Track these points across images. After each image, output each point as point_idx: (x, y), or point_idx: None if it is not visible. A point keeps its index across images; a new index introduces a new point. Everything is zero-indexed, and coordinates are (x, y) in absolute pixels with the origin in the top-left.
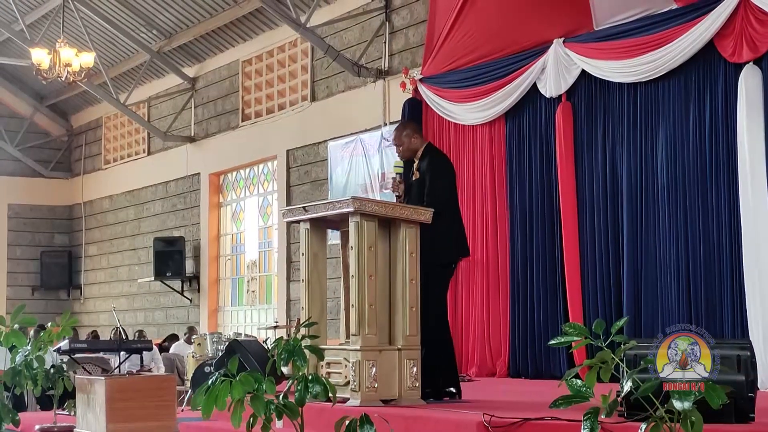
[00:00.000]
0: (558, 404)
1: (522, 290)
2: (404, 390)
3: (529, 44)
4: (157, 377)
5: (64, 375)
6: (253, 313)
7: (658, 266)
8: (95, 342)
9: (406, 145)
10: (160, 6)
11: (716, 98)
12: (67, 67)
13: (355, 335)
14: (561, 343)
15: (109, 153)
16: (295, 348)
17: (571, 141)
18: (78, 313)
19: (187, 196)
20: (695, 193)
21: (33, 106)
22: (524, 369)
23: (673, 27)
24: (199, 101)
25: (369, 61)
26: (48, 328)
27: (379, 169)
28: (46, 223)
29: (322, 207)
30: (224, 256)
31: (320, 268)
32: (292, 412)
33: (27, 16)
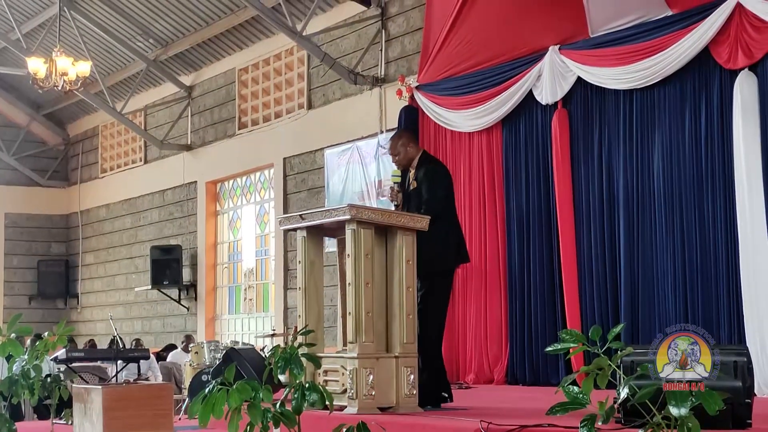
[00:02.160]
0: (555, 411)
1: (519, 297)
2: (401, 397)
3: (525, 51)
4: (154, 386)
5: (61, 384)
6: (251, 321)
7: (654, 273)
8: (92, 351)
9: (402, 155)
10: (157, 15)
11: (712, 105)
12: (64, 76)
13: (352, 343)
14: (558, 350)
15: (106, 162)
16: (292, 356)
17: (567, 148)
18: (75, 322)
19: (184, 205)
20: (691, 199)
21: (29, 115)
22: (521, 376)
23: (668, 34)
24: (195, 109)
25: (365, 68)
26: (44, 337)
27: (375, 176)
28: (43, 232)
29: (318, 215)
30: (221, 264)
31: (317, 276)
32: (290, 420)
33: (23, 25)
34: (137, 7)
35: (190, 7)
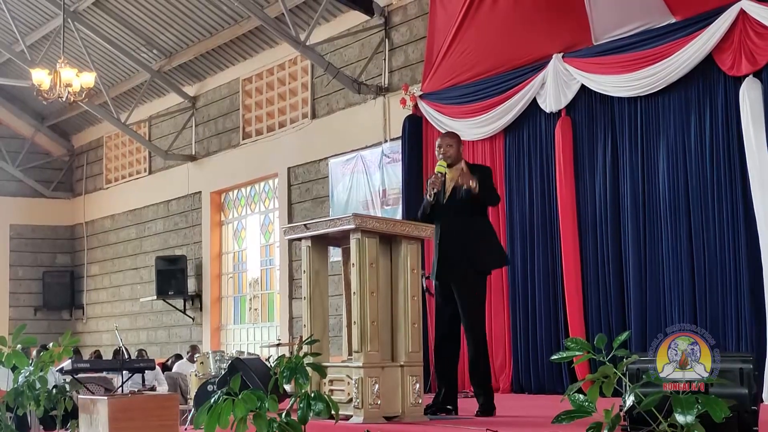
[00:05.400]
0: (561, 419)
1: (523, 305)
2: (407, 406)
3: (529, 59)
4: (159, 396)
5: (67, 395)
6: (256, 331)
7: (661, 281)
8: (98, 362)
9: (453, 151)
10: (160, 25)
11: (716, 111)
12: (68, 87)
13: (358, 352)
14: (563, 358)
15: (111, 172)
16: (297, 365)
17: (570, 156)
18: (80, 333)
19: (189, 215)
20: (698, 206)
21: (34, 126)
22: (527, 384)
23: (672, 41)
24: (199, 120)
25: (369, 78)
26: (50, 348)
27: (380, 185)
28: (48, 243)
29: (323, 224)
30: (226, 274)
31: (322, 286)
32: (295, 430)
33: (27, 37)
34: (141, 18)
35: (193, 18)
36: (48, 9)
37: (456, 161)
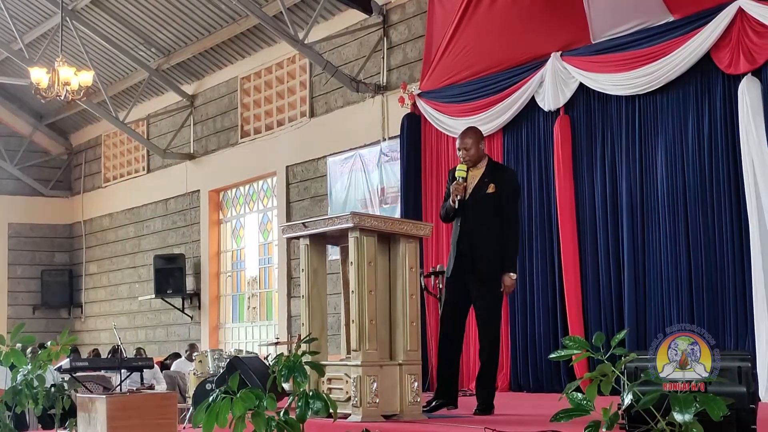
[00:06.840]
0: (559, 418)
1: (522, 304)
2: (406, 405)
3: (527, 58)
4: (158, 395)
5: (65, 394)
6: (254, 330)
7: (659, 279)
8: (96, 360)
9: (473, 151)
10: (159, 24)
11: (715, 110)
12: (66, 85)
13: (356, 351)
14: (561, 357)
15: (109, 171)
16: (295, 364)
17: (569, 154)
18: (79, 332)
19: (187, 213)
20: (696, 204)
21: (32, 125)
22: (525, 383)
23: (670, 39)
24: (198, 118)
25: (367, 76)
26: (48, 346)
27: (378, 184)
28: (47, 241)
29: (321, 223)
30: (225, 272)
31: (320, 284)
32: (294, 428)
33: (26, 35)
34: (139, 17)
35: (191, 16)
36: (46, 7)
37: (478, 160)
